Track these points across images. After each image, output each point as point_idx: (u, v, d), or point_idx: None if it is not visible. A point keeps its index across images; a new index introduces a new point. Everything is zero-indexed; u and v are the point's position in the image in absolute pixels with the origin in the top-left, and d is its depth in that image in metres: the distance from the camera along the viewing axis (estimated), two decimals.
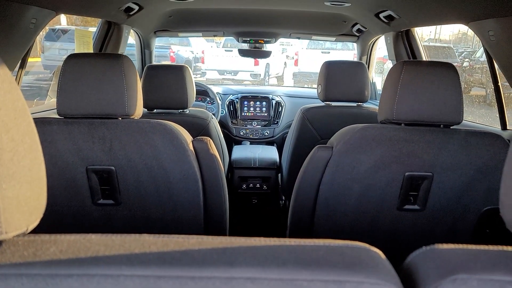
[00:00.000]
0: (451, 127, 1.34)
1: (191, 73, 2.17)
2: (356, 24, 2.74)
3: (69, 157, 1.32)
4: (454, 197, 1.35)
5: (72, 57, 1.31)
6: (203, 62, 14.11)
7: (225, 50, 13.71)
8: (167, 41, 13.28)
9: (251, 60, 12.82)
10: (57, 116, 1.32)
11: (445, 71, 1.29)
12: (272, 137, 3.38)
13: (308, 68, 12.83)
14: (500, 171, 0.73)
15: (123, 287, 0.51)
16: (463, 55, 12.75)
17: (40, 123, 1.29)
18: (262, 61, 13.11)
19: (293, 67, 13.80)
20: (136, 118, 1.37)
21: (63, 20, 11.64)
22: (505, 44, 1.43)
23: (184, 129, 1.41)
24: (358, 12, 2.36)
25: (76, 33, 2.17)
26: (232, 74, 13.48)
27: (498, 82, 1.70)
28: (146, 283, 0.51)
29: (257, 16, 2.73)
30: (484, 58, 11.64)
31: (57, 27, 10.63)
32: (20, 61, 1.65)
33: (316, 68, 2.46)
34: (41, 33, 1.64)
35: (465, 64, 11.88)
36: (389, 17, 2.18)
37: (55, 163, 1.32)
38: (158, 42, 3.20)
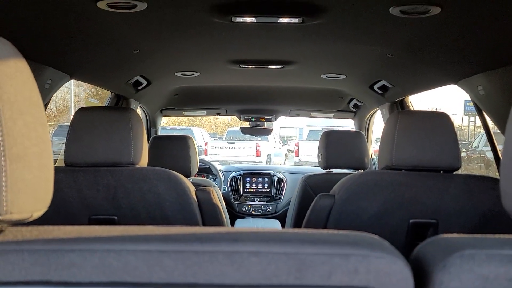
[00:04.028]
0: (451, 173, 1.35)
1: (195, 143, 2.24)
2: (352, 99, 2.88)
3: (73, 206, 1.31)
4: None
5: (82, 110, 1.38)
6: (206, 154, 14.43)
7: (228, 142, 14.09)
8: (170, 133, 13.74)
9: (253, 151, 13.15)
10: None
11: (439, 119, 1.34)
12: (275, 213, 3.35)
13: (309, 158, 13.07)
14: (506, 216, 0.73)
15: (126, 261, 0.50)
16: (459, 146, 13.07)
17: None
18: (264, 152, 13.40)
19: (295, 157, 14.09)
20: (140, 166, 1.39)
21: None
22: (494, 95, 1.50)
23: (188, 180, 1.43)
24: (353, 85, 2.51)
25: (87, 104, 2.28)
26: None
27: (493, 140, 1.75)
28: (148, 258, 0.50)
29: (258, 94, 2.89)
30: (480, 147, 11.94)
31: (67, 123, 11.09)
32: None
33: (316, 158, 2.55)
34: (51, 131, 1.71)
35: (462, 154, 12.13)
36: (383, 88, 2.31)
37: (59, 212, 1.31)
38: (161, 134, 3.35)
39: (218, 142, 14.63)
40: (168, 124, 17.41)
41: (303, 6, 1.19)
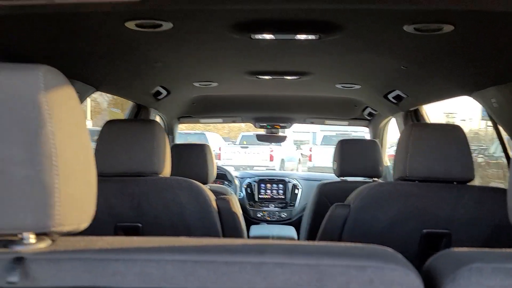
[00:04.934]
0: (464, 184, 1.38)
1: (212, 152, 2.31)
2: (366, 107, 2.92)
3: (100, 214, 1.38)
4: None
5: (110, 123, 1.46)
6: (219, 159, 14.51)
7: (241, 147, 14.14)
8: (185, 139, 13.87)
9: (266, 156, 13.19)
10: None
11: (452, 132, 1.38)
12: (290, 219, 3.40)
13: (322, 163, 13.03)
14: None
15: (164, 270, 0.56)
16: (476, 152, 12.92)
17: None
18: (277, 157, 13.42)
19: (308, 162, 14.07)
20: (164, 176, 1.46)
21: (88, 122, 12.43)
22: (507, 108, 1.53)
23: (208, 189, 1.49)
24: (368, 94, 2.54)
25: (110, 114, 2.37)
26: (248, 169, 13.74)
27: (507, 149, 1.77)
28: (184, 267, 0.56)
29: (273, 103, 2.95)
30: (498, 153, 11.78)
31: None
32: None
33: (330, 163, 2.61)
34: None
35: (479, 160, 11.96)
36: (398, 97, 2.34)
37: None
38: (177, 140, 3.43)
39: (232, 147, 14.69)
40: (182, 129, 17.57)
41: (320, 24, 1.24)
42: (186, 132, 14.50)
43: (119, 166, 1.39)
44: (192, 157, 2.22)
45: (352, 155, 2.31)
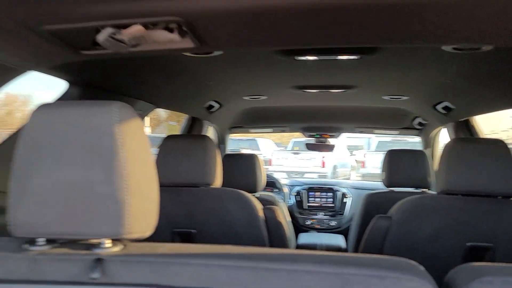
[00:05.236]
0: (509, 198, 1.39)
1: (262, 161, 2.42)
2: (416, 117, 2.90)
3: (159, 220, 1.55)
4: None
5: (168, 138, 1.62)
6: (270, 164, 14.61)
7: (292, 153, 14.15)
8: (237, 145, 14.15)
9: (318, 162, 13.11)
10: None
11: (494, 146, 1.39)
12: (339, 227, 3.42)
13: (376, 170, 12.73)
14: None
15: (212, 273, 0.67)
16: None
17: None
18: (329, 163, 13.30)
19: (361, 169, 13.81)
20: (215, 187, 1.59)
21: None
22: None
23: (256, 199, 1.61)
24: (416, 105, 2.54)
25: (167, 127, 2.57)
26: (299, 175, 13.72)
27: None
28: (228, 271, 0.67)
29: (322, 113, 3.02)
30: None
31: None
32: None
33: None
34: None
35: None
36: (446, 108, 2.33)
37: None
38: (228, 146, 3.58)
39: (283, 153, 14.74)
40: (235, 135, 17.82)
41: (360, 47, 1.32)
42: (238, 138, 14.80)
43: (176, 177, 1.54)
44: (243, 167, 2.34)
45: (400, 166, 2.33)
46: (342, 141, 14.54)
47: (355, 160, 15.18)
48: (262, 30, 0.89)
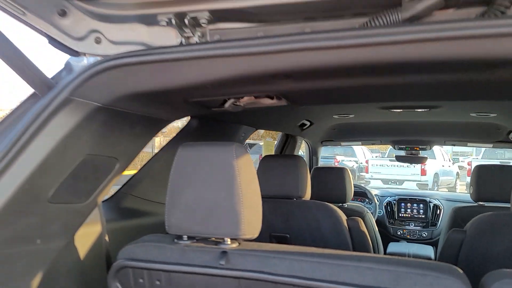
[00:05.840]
0: None
1: (350, 174, 2.65)
2: (511, 131, 2.86)
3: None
4: None
5: (267, 157, 1.95)
6: (367, 172, 14.34)
7: (390, 160, 13.72)
8: (332, 152, 14.19)
9: (417, 170, 12.54)
10: None
11: None
12: (431, 238, 3.46)
13: None
14: None
15: (301, 266, 0.97)
16: None
17: None
18: (430, 171, 12.65)
19: (467, 177, 12.91)
20: (305, 199, 1.88)
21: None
22: None
23: (340, 210, 1.86)
24: (507, 120, 2.55)
25: (264, 143, 2.94)
26: (397, 183, 13.25)
27: None
28: (312, 265, 0.96)
29: (410, 128, 3.12)
30: None
31: (246, 141, 12.82)
32: None
33: None
34: None
35: None
36: None
37: None
38: (324, 153, 3.82)
39: (380, 160, 14.33)
40: None
41: None
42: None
43: (273, 190, 1.87)
44: (332, 179, 2.59)
45: (489, 180, 2.38)
46: (446, 146, 13.72)
47: (459, 167, 14.21)
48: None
